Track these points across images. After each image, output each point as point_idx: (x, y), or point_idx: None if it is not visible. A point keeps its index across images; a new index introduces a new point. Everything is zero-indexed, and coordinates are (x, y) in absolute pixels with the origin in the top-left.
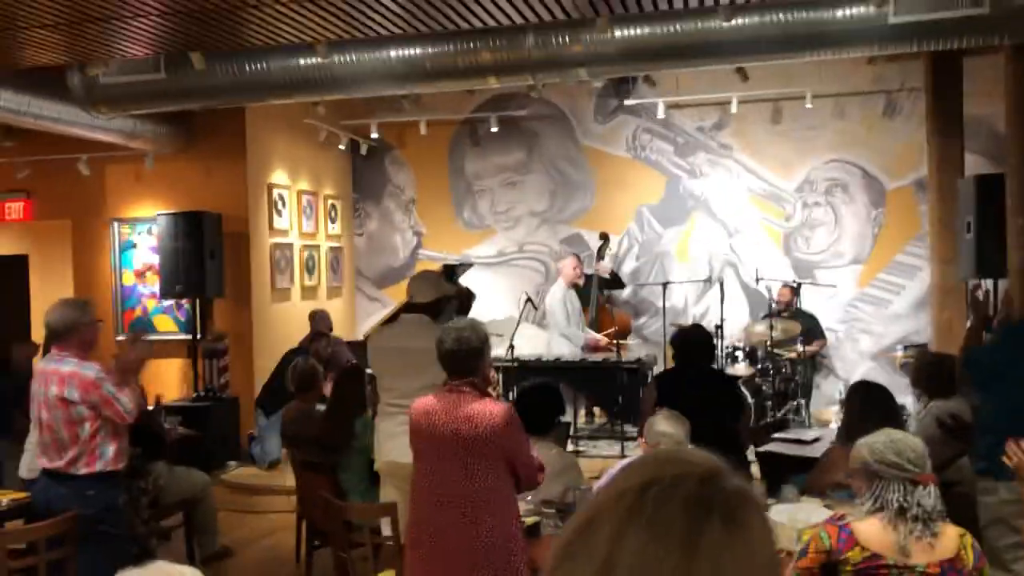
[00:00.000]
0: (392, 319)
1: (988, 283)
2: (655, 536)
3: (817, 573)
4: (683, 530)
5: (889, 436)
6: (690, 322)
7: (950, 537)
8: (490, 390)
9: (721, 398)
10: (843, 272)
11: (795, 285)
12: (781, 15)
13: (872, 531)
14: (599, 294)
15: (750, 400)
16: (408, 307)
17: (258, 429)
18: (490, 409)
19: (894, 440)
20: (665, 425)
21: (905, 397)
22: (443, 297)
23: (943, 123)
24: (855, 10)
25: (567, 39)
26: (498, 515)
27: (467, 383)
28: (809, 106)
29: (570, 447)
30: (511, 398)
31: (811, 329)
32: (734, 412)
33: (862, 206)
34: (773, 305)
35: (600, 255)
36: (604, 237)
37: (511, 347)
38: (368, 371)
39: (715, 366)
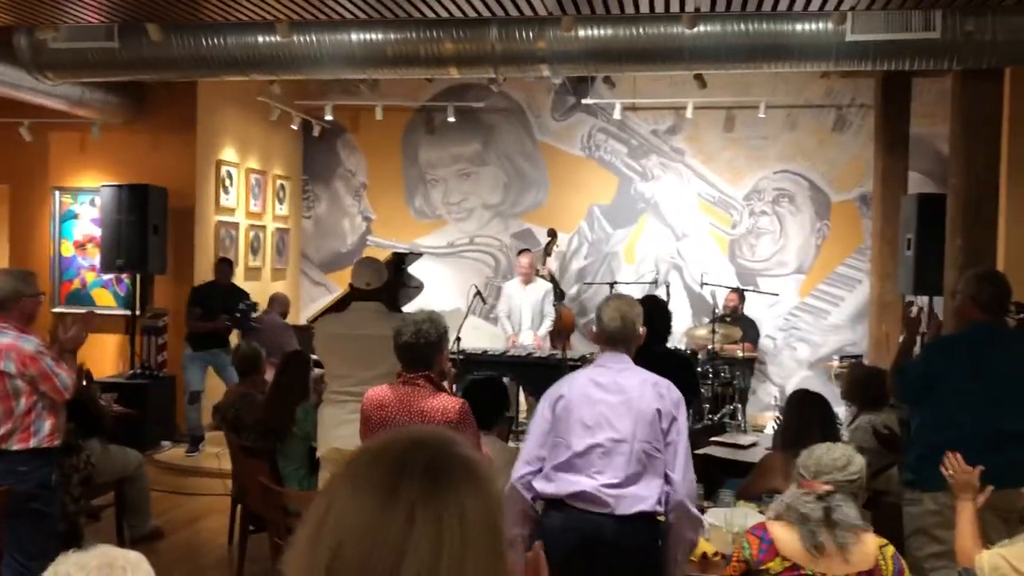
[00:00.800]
0: (339, 306)
1: (924, 300)
2: (358, 491)
3: None
4: (383, 483)
5: (815, 456)
6: None
7: (869, 547)
8: (446, 383)
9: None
10: (785, 281)
11: (741, 291)
12: (743, 25)
13: (790, 540)
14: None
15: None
16: (355, 293)
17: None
18: (444, 404)
19: (817, 457)
20: None
21: (838, 407)
22: (387, 284)
23: (890, 140)
24: (815, 25)
25: (531, 35)
26: None
27: (422, 376)
28: (762, 116)
29: (511, 442)
30: (454, 390)
31: (748, 334)
32: (689, 400)
33: (807, 217)
34: (718, 310)
35: (547, 251)
36: (552, 234)
37: (458, 339)
38: (313, 357)
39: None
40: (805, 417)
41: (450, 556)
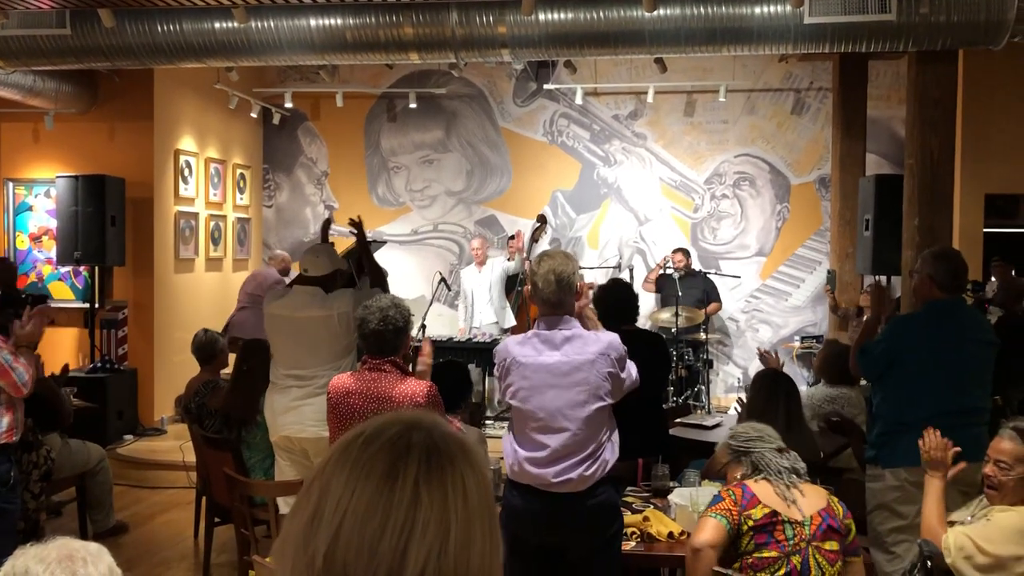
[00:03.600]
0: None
1: (883, 279)
2: (357, 474)
3: (724, 531)
4: (384, 466)
5: (749, 426)
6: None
7: (817, 492)
8: (423, 365)
9: (648, 363)
10: (747, 264)
11: (684, 250)
12: (702, 8)
13: (767, 491)
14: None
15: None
16: (302, 279)
17: None
18: (412, 389)
19: (752, 426)
20: None
21: (800, 386)
22: (337, 271)
23: (847, 123)
24: (773, 8)
25: (491, 19)
26: None
27: (388, 362)
28: (723, 100)
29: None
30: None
31: (709, 291)
32: (661, 377)
33: (767, 200)
34: (669, 269)
35: (535, 238)
36: (541, 219)
37: (423, 327)
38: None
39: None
40: (771, 397)
41: (457, 532)
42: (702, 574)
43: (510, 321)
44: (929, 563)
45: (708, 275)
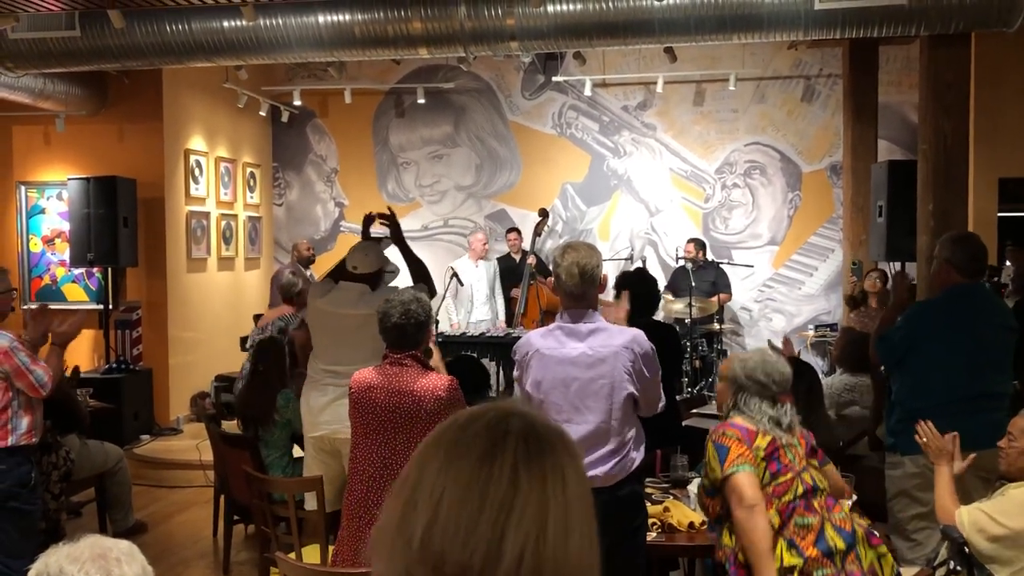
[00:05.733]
0: (335, 272)
1: (896, 266)
2: (455, 456)
3: (756, 476)
4: (481, 449)
5: (763, 357)
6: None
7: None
8: (437, 360)
9: (660, 355)
10: (759, 253)
11: (699, 240)
12: None
13: (751, 422)
14: (531, 282)
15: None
16: (345, 274)
17: None
18: (434, 383)
19: (766, 362)
20: None
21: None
22: (382, 269)
23: (858, 109)
24: None
25: (500, 12)
26: None
27: (409, 356)
28: (732, 88)
29: None
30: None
31: (718, 281)
32: (674, 369)
33: (779, 188)
34: (681, 261)
35: (537, 231)
36: (543, 213)
37: (436, 322)
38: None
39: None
40: (794, 384)
41: (555, 519)
42: (763, 528)
43: (502, 316)
44: (967, 548)
45: (720, 264)
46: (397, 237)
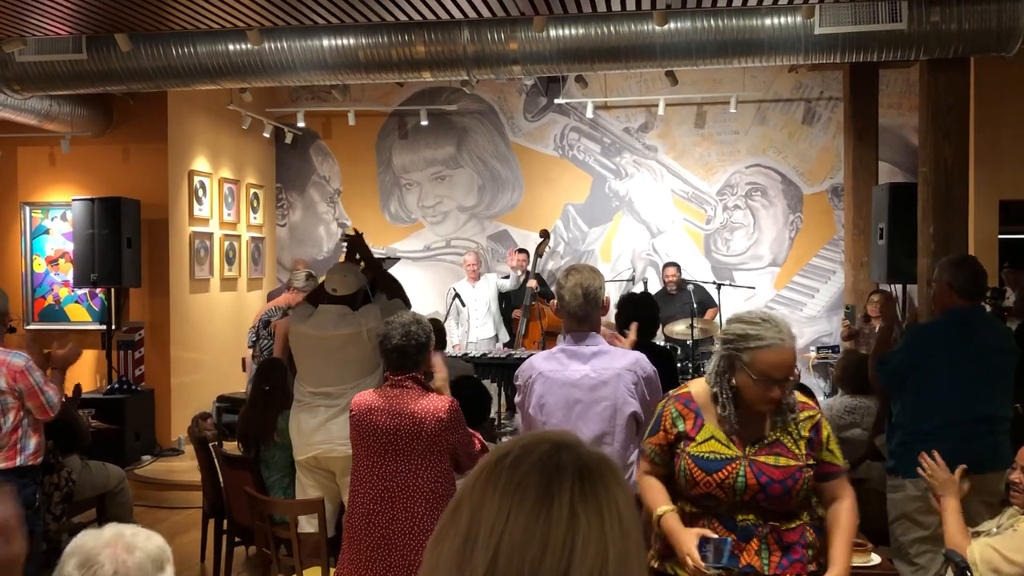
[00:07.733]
0: (312, 297)
1: (898, 288)
2: (510, 497)
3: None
4: (537, 488)
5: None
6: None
7: None
8: (440, 380)
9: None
10: (761, 274)
11: (675, 264)
12: (713, 21)
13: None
14: (532, 303)
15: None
16: (324, 297)
17: None
18: (434, 405)
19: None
20: None
21: (817, 397)
22: (361, 289)
23: (859, 131)
24: (784, 19)
25: (503, 36)
26: (441, 509)
27: (410, 378)
28: (733, 111)
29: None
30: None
31: (703, 301)
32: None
33: (780, 210)
34: (665, 286)
35: (539, 252)
36: (544, 234)
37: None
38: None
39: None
40: None
41: (615, 550)
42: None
43: (506, 336)
44: (969, 572)
45: (700, 285)
46: (366, 258)
